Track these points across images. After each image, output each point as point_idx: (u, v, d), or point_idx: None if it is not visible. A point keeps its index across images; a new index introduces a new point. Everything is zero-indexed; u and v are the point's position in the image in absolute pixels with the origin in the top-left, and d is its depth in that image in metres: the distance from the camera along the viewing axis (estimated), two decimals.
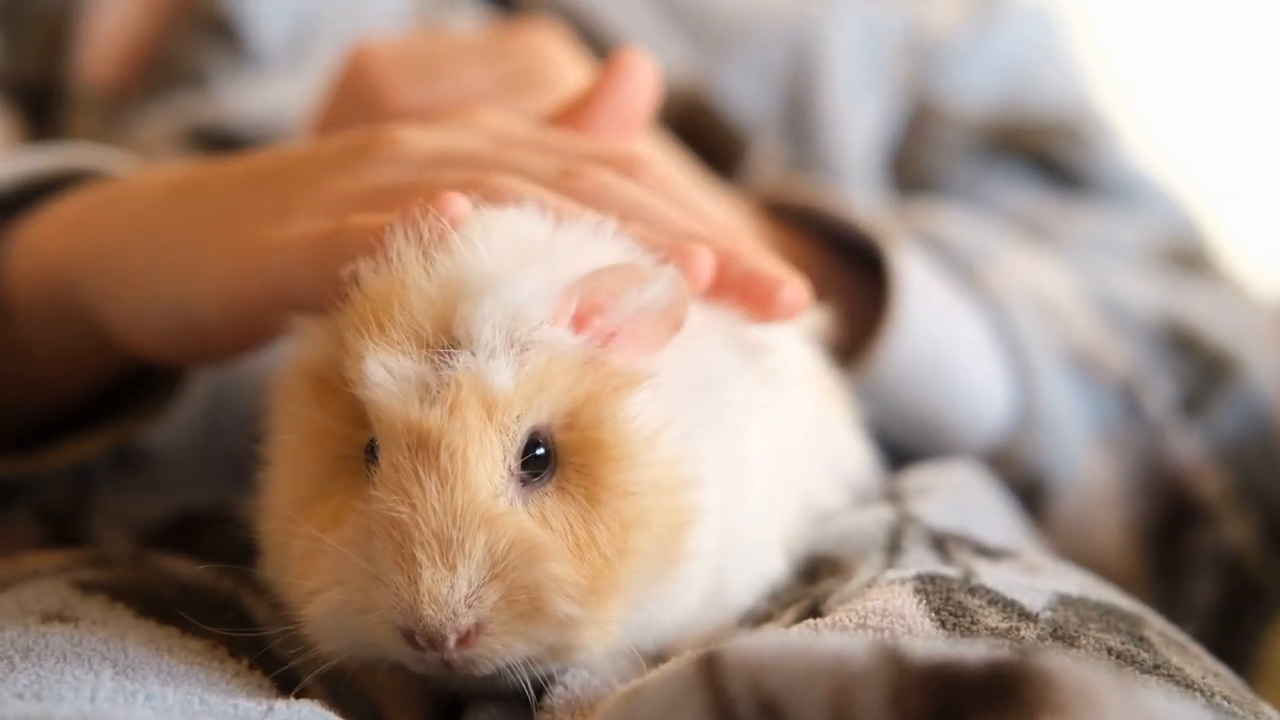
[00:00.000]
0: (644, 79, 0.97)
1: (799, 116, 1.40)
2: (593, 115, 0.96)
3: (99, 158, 1.10)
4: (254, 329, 0.90)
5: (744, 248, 0.87)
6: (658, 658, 0.80)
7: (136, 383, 1.08)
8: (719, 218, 0.94)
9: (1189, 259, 1.40)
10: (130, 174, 1.07)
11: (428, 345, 0.75)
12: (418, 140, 0.91)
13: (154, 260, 0.95)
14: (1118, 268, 1.32)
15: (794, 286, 0.85)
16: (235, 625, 0.81)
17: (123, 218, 0.99)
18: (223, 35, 1.30)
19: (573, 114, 0.97)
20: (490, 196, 0.84)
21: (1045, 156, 1.45)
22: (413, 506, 0.73)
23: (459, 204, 0.81)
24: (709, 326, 0.83)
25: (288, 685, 0.79)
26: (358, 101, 1.07)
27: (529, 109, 1.02)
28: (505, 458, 0.75)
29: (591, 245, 0.80)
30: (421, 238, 0.78)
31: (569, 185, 0.87)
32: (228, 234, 0.91)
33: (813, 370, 0.98)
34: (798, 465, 0.92)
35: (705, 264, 0.83)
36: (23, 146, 1.20)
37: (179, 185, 0.98)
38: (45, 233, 1.03)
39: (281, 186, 0.92)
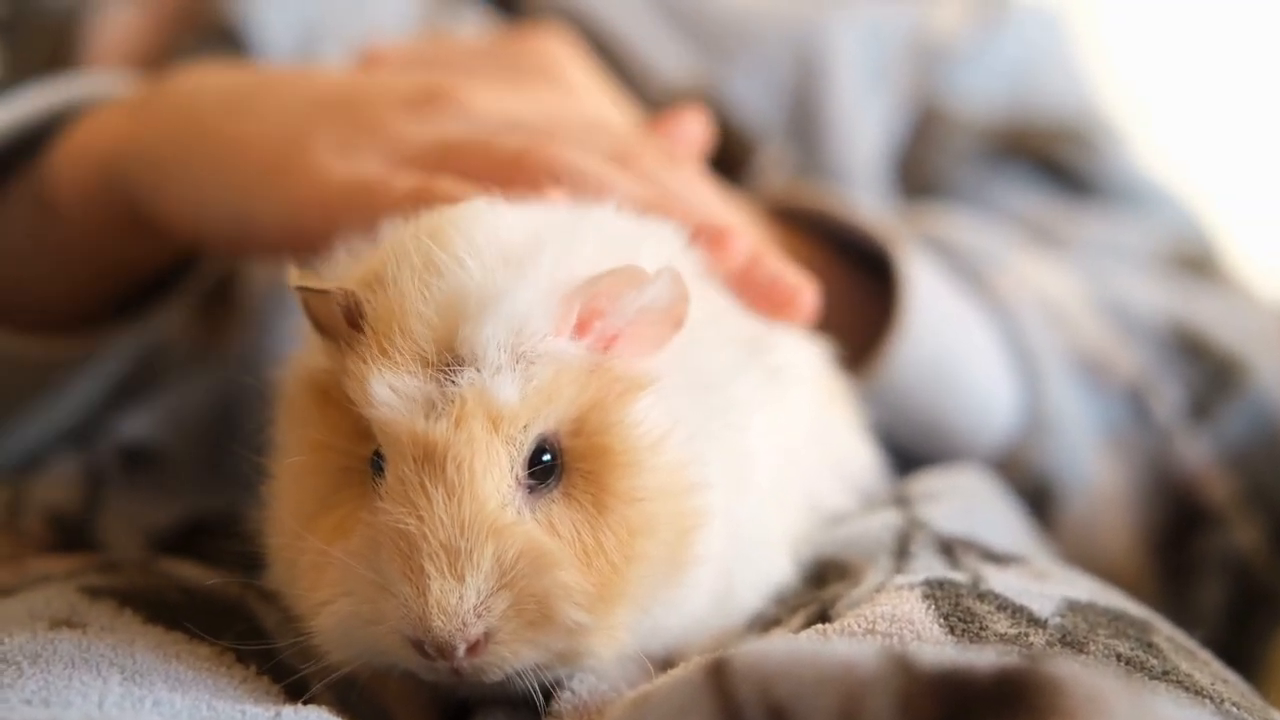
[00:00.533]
0: (695, 131, 0.99)
1: (804, 121, 1.39)
2: None
3: (127, 84, 1.14)
4: (309, 244, 0.91)
5: (770, 249, 0.91)
6: (666, 662, 0.80)
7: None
8: (744, 220, 0.96)
9: (1196, 263, 1.40)
10: (183, 73, 1.09)
11: (431, 364, 0.75)
12: (482, 100, 0.94)
13: (216, 166, 0.97)
14: (1125, 272, 1.32)
15: (813, 292, 0.89)
16: (243, 632, 0.81)
17: (181, 114, 1.02)
18: (228, 43, 1.29)
19: None
20: (549, 163, 0.87)
21: (1052, 161, 1.45)
22: (420, 518, 0.73)
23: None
24: (708, 323, 0.83)
25: (296, 691, 0.79)
26: None
27: None
28: (512, 467, 0.75)
29: (576, 242, 0.79)
30: (411, 256, 0.78)
31: (623, 165, 0.90)
32: (295, 157, 0.93)
33: (819, 372, 0.98)
34: (801, 465, 0.92)
35: (742, 247, 0.87)
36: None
37: (240, 90, 1.01)
38: (94, 131, 1.06)
39: (349, 118, 0.94)
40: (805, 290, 0.89)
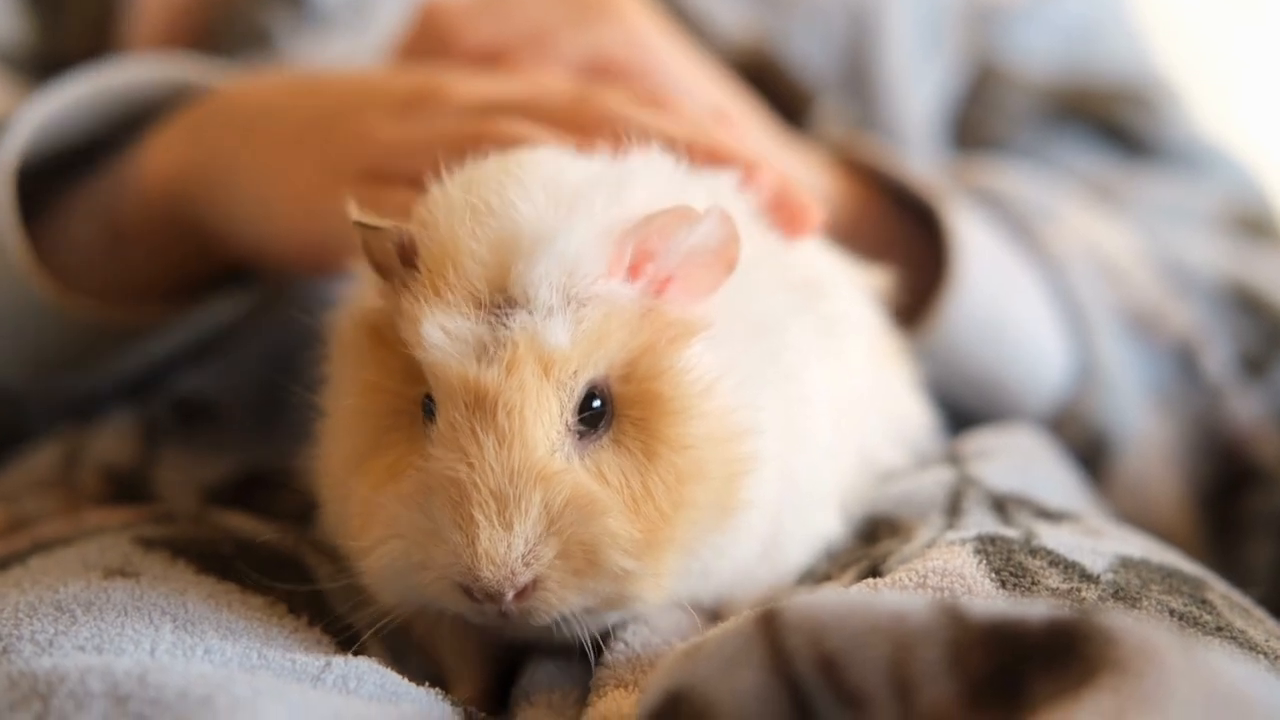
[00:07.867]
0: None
1: (858, 78, 1.38)
2: None
3: (203, 72, 1.14)
4: (322, 265, 0.96)
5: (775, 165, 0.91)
6: (715, 615, 0.80)
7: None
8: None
9: (1256, 225, 1.38)
10: (238, 83, 1.11)
11: (484, 305, 0.75)
12: (465, 88, 0.96)
13: (245, 177, 1.01)
14: (1183, 231, 1.30)
15: (817, 210, 0.90)
16: (295, 583, 0.82)
17: (228, 128, 1.05)
18: (285, 2, 1.30)
19: None
20: (602, 113, 0.89)
21: (1111, 122, 1.43)
22: (470, 465, 0.73)
23: None
24: (760, 266, 0.82)
25: (348, 644, 0.79)
26: (428, 52, 1.08)
27: (598, 38, 1.05)
28: (562, 414, 0.75)
29: (628, 185, 0.79)
30: (464, 198, 0.78)
31: (580, 109, 0.91)
32: (298, 173, 0.97)
33: (875, 328, 0.98)
34: (856, 420, 0.91)
35: (769, 179, 0.88)
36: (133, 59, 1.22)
37: (276, 97, 1.04)
38: (157, 158, 1.07)
39: (343, 131, 0.97)
40: (814, 208, 0.90)
